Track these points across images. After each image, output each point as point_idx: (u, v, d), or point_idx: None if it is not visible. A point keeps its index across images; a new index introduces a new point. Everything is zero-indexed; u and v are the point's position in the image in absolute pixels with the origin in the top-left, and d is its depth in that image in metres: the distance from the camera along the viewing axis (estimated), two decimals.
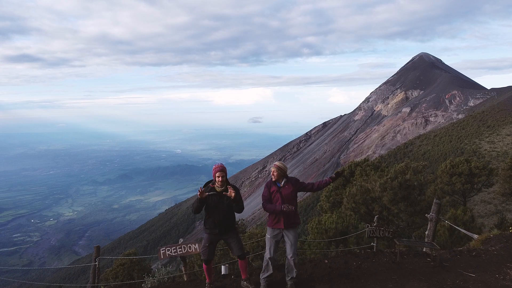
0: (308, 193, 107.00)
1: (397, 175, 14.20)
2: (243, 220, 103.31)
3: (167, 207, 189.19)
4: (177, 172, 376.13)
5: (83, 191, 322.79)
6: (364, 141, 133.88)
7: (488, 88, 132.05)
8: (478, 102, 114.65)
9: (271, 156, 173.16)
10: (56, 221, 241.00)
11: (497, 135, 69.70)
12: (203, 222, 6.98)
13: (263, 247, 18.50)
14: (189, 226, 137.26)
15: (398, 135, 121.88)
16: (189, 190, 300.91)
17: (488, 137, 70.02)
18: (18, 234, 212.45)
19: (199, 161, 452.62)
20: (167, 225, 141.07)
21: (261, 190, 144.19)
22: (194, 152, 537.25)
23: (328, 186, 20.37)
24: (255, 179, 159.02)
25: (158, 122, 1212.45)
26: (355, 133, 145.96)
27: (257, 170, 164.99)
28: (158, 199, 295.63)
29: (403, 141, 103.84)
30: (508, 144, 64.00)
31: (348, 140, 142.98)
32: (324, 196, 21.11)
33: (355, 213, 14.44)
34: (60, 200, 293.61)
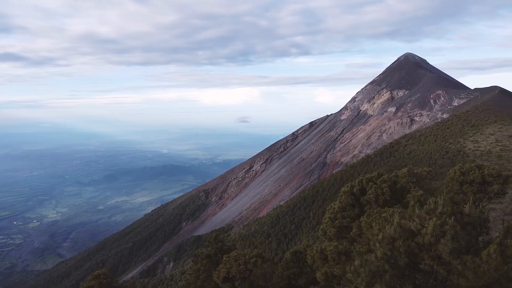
0: (294, 192, 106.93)
1: (448, 207, 10.10)
2: (229, 224, 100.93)
3: (153, 208, 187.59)
4: (164, 173, 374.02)
5: (67, 192, 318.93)
6: (351, 140, 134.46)
7: (472, 88, 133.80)
8: (462, 102, 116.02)
9: (258, 156, 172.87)
10: (39, 223, 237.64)
11: (481, 134, 70.47)
12: None
13: (251, 271, 17.12)
14: (176, 227, 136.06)
15: (384, 134, 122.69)
16: (176, 191, 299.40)
17: (472, 136, 70.75)
18: (0, 237, 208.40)
19: (186, 161, 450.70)
20: (153, 226, 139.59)
21: (248, 190, 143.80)
22: (181, 152, 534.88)
23: (334, 206, 17.53)
24: (242, 179, 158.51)
25: (145, 122, 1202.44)
26: (341, 133, 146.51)
27: (244, 170, 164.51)
28: (144, 200, 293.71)
29: (389, 141, 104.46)
30: (491, 143, 64.75)
31: (335, 139, 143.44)
32: (327, 219, 17.36)
33: (390, 265, 10.32)
34: (43, 202, 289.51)
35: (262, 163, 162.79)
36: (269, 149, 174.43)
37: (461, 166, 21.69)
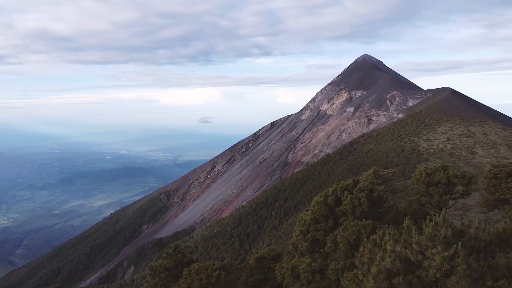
0: (256, 192, 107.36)
1: (449, 229, 8.53)
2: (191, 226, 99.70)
3: (112, 211, 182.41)
4: (123, 175, 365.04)
5: (19, 197, 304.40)
6: (311, 140, 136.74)
7: (425, 89, 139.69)
8: (416, 102, 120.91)
9: (220, 156, 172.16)
10: None
11: (434, 133, 73.87)
12: None
13: (214, 285, 15.73)
14: (136, 230, 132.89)
15: (343, 134, 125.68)
16: (136, 193, 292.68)
17: (425, 135, 73.99)
18: None
19: (146, 162, 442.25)
20: (112, 230, 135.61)
21: (210, 191, 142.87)
22: (141, 154, 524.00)
23: (305, 217, 15.89)
24: (204, 180, 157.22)
25: (102, 122, 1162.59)
26: (302, 133, 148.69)
27: (206, 171, 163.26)
28: (103, 203, 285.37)
29: (348, 140, 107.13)
30: (443, 141, 67.99)
31: (296, 139, 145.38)
32: (298, 232, 15.61)
33: None
34: None
35: (224, 164, 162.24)
36: (231, 149, 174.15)
37: (427, 167, 21.50)
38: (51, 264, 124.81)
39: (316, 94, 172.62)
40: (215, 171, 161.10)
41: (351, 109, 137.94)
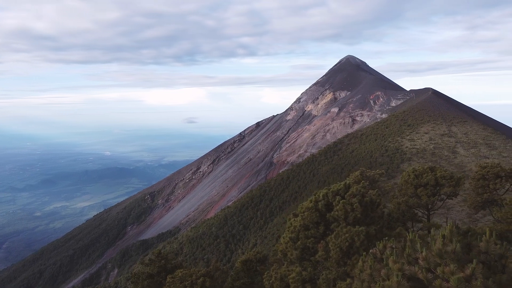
0: (242, 193, 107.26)
1: (458, 243, 7.68)
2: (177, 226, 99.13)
3: (95, 213, 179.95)
4: (107, 176, 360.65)
5: None
6: (296, 140, 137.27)
7: (408, 89, 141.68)
8: (399, 102, 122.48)
9: (205, 157, 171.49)
10: None
11: (417, 133, 75.00)
12: None
13: None
14: (120, 232, 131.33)
15: (328, 134, 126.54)
16: (120, 194, 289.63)
17: (408, 135, 75.07)
18: None
19: (130, 163, 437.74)
20: (95, 232, 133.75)
21: (195, 191, 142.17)
22: (125, 154, 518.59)
23: (295, 223, 15.17)
24: (189, 181, 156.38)
25: (86, 123, 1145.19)
26: (287, 133, 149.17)
27: (191, 171, 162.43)
28: (86, 205, 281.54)
29: (333, 140, 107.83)
30: (426, 141, 69.07)
31: (281, 139, 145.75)
32: (288, 238, 14.80)
33: None
34: None
35: (210, 164, 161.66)
36: (216, 149, 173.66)
37: (415, 169, 21.28)
38: (32, 267, 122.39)
39: (301, 94, 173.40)
40: (200, 171, 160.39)
41: (336, 110, 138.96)
